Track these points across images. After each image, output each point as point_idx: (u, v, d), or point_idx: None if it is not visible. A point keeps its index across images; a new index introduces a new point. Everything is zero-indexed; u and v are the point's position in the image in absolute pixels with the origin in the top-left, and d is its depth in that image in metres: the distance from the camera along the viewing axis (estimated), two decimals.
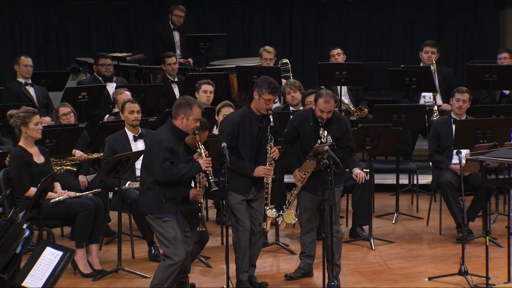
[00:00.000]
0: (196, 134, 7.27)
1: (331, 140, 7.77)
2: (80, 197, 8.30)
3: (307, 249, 8.15)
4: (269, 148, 7.65)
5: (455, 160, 9.39)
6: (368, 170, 9.50)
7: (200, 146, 7.28)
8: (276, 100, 11.58)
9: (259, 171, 7.61)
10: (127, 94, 10.10)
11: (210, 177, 7.30)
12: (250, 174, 7.60)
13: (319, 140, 7.72)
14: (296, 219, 8.05)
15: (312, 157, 7.61)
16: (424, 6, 14.85)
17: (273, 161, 7.69)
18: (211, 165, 7.24)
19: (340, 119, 7.97)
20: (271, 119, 7.58)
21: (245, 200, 7.69)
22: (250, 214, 7.73)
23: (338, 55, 12.09)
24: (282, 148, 8.04)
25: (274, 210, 7.75)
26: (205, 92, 10.20)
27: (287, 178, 9.60)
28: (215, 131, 9.42)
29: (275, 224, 9.16)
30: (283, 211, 7.93)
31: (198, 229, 7.34)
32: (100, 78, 11.56)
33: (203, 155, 7.24)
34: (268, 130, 7.61)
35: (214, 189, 7.28)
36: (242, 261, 7.75)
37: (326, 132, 7.73)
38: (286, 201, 8.06)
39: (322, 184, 7.58)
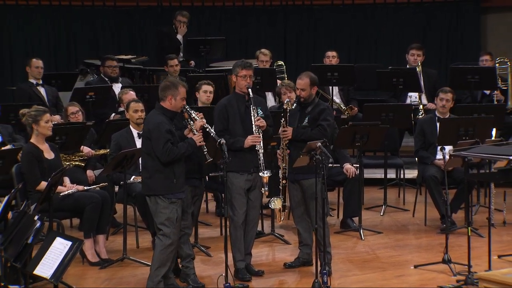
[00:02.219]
0: (185, 112, 7.29)
1: (307, 121, 7.86)
2: (88, 190, 8.31)
3: (303, 238, 8.15)
4: (253, 117, 7.70)
5: (439, 155, 9.39)
6: (358, 165, 9.51)
7: (190, 123, 7.30)
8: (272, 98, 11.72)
9: (248, 140, 7.67)
10: (132, 94, 10.08)
11: (204, 150, 7.33)
12: (243, 145, 7.66)
13: (283, 106, 7.85)
14: (282, 204, 7.99)
15: (306, 153, 7.62)
16: (410, 12, 14.84)
17: (259, 130, 7.71)
18: (202, 139, 7.28)
19: (320, 104, 8.08)
20: (250, 92, 7.68)
21: (246, 188, 7.71)
22: (247, 204, 7.76)
23: (333, 57, 12.09)
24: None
25: (267, 172, 7.73)
26: (205, 92, 10.18)
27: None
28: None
29: (271, 215, 9.20)
30: (271, 200, 7.92)
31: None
32: (107, 79, 11.53)
33: (195, 131, 7.27)
34: (252, 103, 7.69)
35: (209, 160, 7.33)
36: (238, 250, 7.78)
37: (287, 100, 7.89)
38: (280, 191, 8.02)
39: (299, 171, 7.71)
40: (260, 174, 7.69)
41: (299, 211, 8.06)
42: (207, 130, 7.35)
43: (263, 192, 7.80)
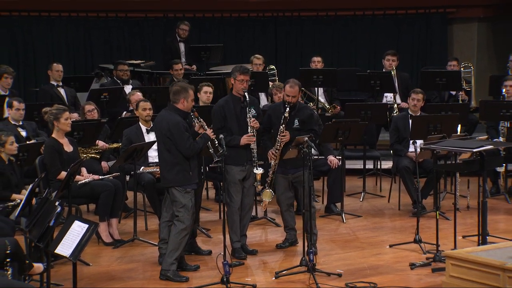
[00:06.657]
0: (195, 111, 7.25)
1: (298, 124, 7.77)
2: (102, 179, 8.29)
3: (288, 223, 8.14)
4: (249, 119, 7.65)
5: (411, 148, 9.39)
6: (340, 157, 9.51)
7: (200, 119, 7.27)
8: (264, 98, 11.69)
9: (243, 139, 7.62)
10: (138, 95, 10.00)
11: (215, 142, 7.31)
12: (238, 143, 7.60)
13: (282, 117, 7.69)
14: (272, 197, 7.95)
15: (294, 146, 7.60)
16: (386, 22, 14.82)
17: (254, 130, 7.66)
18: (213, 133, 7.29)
19: (306, 107, 8.06)
20: (246, 95, 7.62)
21: (241, 178, 7.67)
22: (242, 191, 7.73)
23: (318, 62, 12.06)
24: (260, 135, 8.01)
25: (260, 169, 7.67)
26: (206, 92, 10.15)
27: None
28: None
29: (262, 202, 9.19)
30: (262, 191, 7.89)
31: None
32: (119, 81, 11.50)
33: (205, 126, 7.25)
34: (247, 105, 7.62)
35: (216, 159, 7.24)
36: (234, 232, 7.76)
37: (288, 109, 7.69)
38: (265, 183, 7.96)
39: (292, 166, 7.64)
40: (254, 170, 7.65)
41: (286, 202, 8.03)
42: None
43: (255, 185, 7.76)
